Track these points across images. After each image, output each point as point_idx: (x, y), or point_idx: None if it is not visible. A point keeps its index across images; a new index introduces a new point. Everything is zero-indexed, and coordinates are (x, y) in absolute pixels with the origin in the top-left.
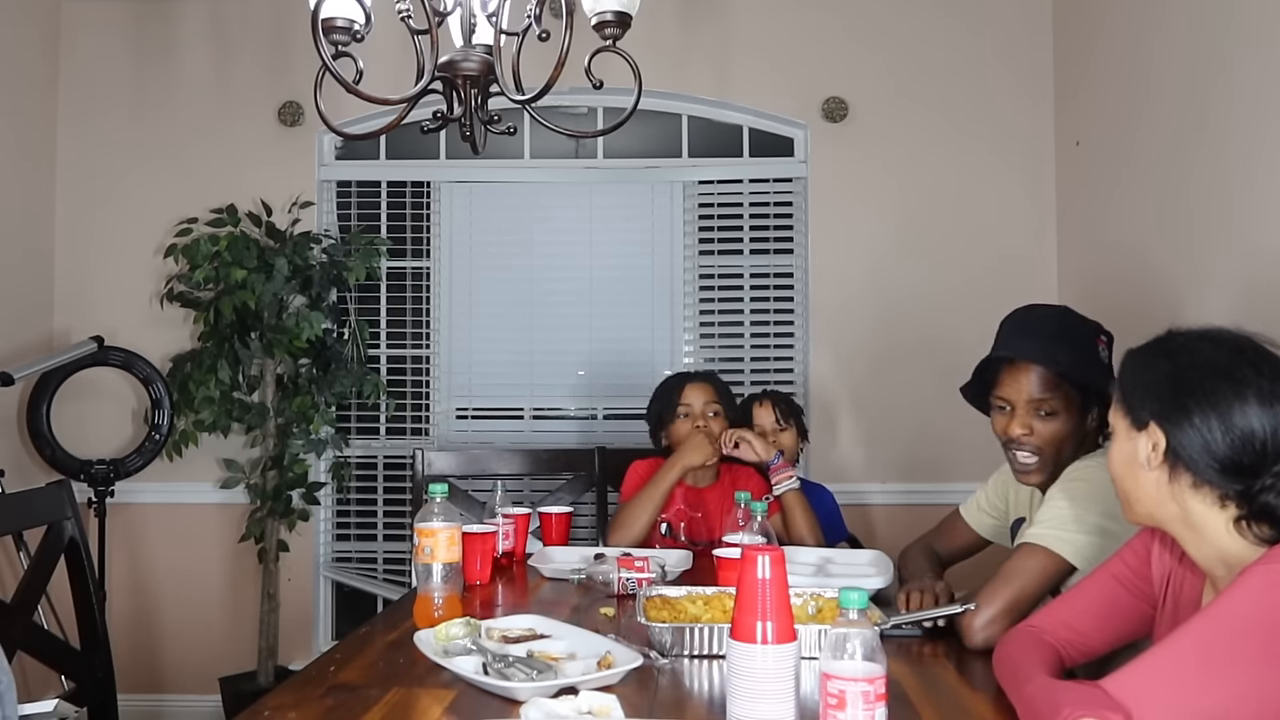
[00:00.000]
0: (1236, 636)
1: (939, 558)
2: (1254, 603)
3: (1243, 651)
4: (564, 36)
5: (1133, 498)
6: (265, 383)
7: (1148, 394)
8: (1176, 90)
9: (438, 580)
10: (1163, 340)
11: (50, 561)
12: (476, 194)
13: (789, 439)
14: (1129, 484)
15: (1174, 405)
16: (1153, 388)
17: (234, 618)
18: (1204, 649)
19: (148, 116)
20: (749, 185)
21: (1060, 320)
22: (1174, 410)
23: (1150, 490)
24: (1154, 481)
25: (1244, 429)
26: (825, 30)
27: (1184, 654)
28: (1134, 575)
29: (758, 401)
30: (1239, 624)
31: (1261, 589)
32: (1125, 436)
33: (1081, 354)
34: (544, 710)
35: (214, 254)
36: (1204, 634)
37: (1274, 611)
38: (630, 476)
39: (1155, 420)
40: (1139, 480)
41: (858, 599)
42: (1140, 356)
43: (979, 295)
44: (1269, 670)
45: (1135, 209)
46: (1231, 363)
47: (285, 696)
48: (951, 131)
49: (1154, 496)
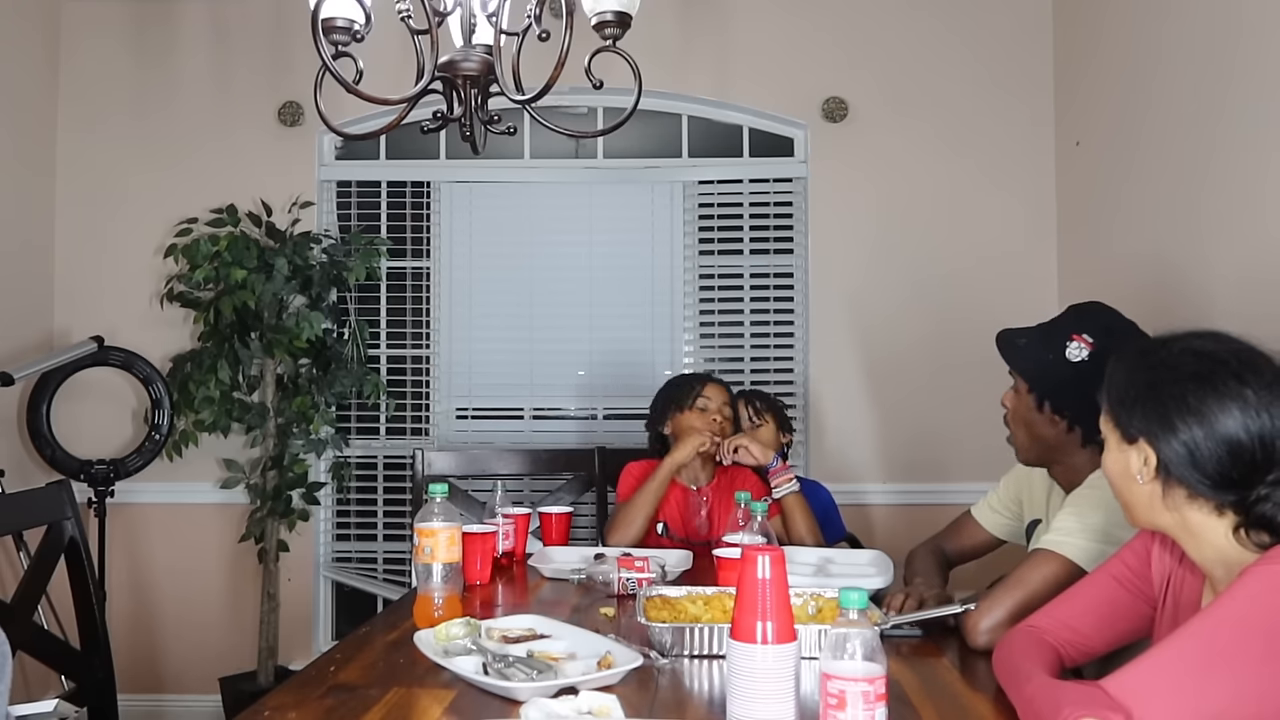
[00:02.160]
0: (1237, 636)
1: (947, 559)
2: (1254, 603)
3: (1243, 651)
4: (564, 36)
5: (1131, 506)
6: (265, 383)
7: (1134, 408)
8: (1176, 90)
9: (438, 580)
10: (1146, 351)
11: (50, 561)
12: (476, 194)
13: (767, 434)
14: (1126, 495)
15: (1160, 421)
16: (1139, 402)
17: (234, 618)
18: (1204, 649)
19: (148, 116)
20: (749, 185)
21: (1063, 313)
22: (1160, 426)
23: (1146, 501)
24: (1149, 493)
25: (1231, 441)
26: (825, 30)
27: (1185, 654)
28: (1134, 575)
29: (742, 399)
30: (1239, 624)
31: (1262, 589)
32: (1117, 448)
33: (1038, 347)
34: (544, 710)
35: (214, 254)
36: (1204, 634)
37: (1274, 612)
38: (625, 478)
39: (1144, 436)
40: (1135, 491)
41: (858, 599)
42: (1125, 368)
43: (979, 294)
44: (1270, 670)
45: (1135, 209)
46: (1214, 373)
47: (285, 696)
48: (951, 131)
49: (1151, 506)
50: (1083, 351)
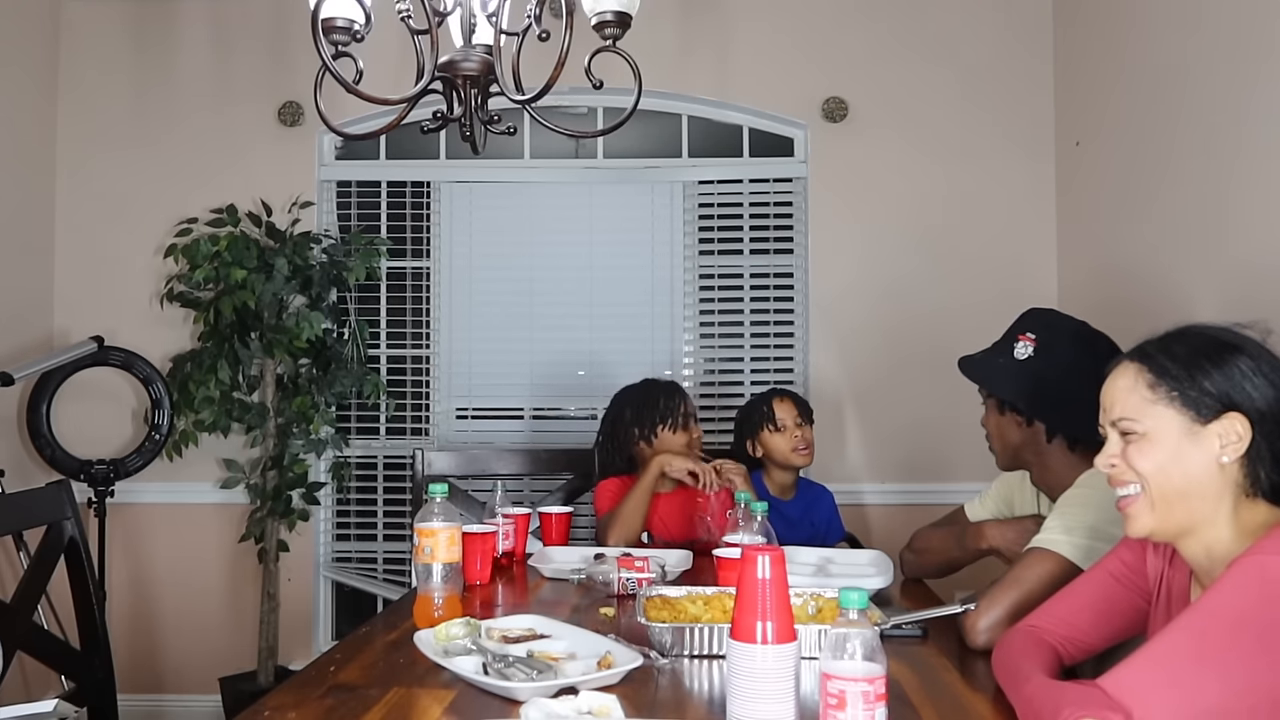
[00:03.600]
0: (1230, 628)
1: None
2: (1244, 594)
3: (1237, 643)
4: (564, 36)
5: (1197, 510)
6: (265, 383)
7: (1198, 377)
8: (1177, 90)
9: (438, 580)
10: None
11: (50, 561)
12: (476, 194)
13: (810, 435)
14: (1198, 497)
15: (1238, 377)
16: (1199, 370)
17: (234, 618)
18: (1198, 643)
19: (148, 116)
20: (749, 185)
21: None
22: (1242, 379)
23: (1216, 493)
24: (1223, 485)
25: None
26: (825, 30)
27: (1180, 649)
28: (1130, 571)
29: (777, 397)
30: (1232, 616)
31: (1251, 580)
32: (1188, 438)
33: (991, 355)
34: (544, 710)
35: (214, 254)
36: (1197, 628)
37: (1265, 602)
38: (601, 493)
39: (1223, 403)
40: (1209, 487)
41: (858, 599)
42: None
43: (978, 294)
44: (1264, 661)
45: (1135, 208)
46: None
47: (285, 696)
48: (951, 131)
49: (1221, 499)
50: (1028, 348)
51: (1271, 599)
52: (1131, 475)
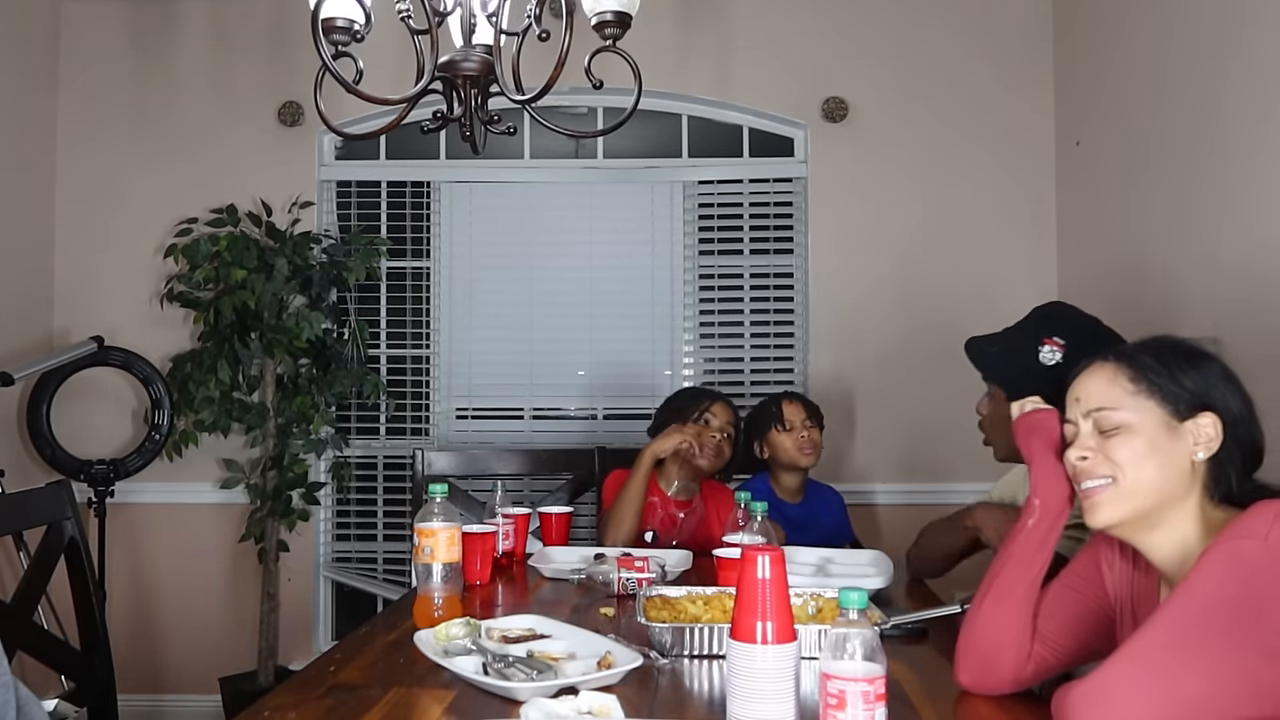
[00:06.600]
0: (1207, 615)
1: None
2: (1218, 580)
3: (1215, 629)
4: (564, 36)
5: (1165, 507)
6: (265, 383)
7: (1179, 375)
8: (1177, 90)
9: (438, 580)
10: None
11: (50, 561)
12: (476, 194)
13: (818, 436)
14: (1168, 491)
15: (1215, 378)
16: (1180, 370)
17: (234, 618)
18: (1177, 633)
19: (148, 116)
20: (749, 185)
21: (1027, 317)
22: (1219, 380)
23: (1185, 490)
24: (1191, 483)
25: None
26: (825, 30)
27: (1159, 641)
28: (1084, 583)
29: (787, 399)
30: (1208, 603)
31: (1224, 566)
32: (1164, 433)
33: (1010, 354)
34: (544, 710)
35: (214, 254)
36: (1174, 619)
37: (1240, 586)
38: (610, 484)
39: (1201, 402)
40: (1177, 483)
41: (858, 599)
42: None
43: (979, 294)
44: (1244, 645)
45: (1135, 208)
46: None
47: (285, 696)
48: (951, 130)
49: (1187, 499)
50: (1056, 354)
51: (1246, 582)
52: (1106, 467)
